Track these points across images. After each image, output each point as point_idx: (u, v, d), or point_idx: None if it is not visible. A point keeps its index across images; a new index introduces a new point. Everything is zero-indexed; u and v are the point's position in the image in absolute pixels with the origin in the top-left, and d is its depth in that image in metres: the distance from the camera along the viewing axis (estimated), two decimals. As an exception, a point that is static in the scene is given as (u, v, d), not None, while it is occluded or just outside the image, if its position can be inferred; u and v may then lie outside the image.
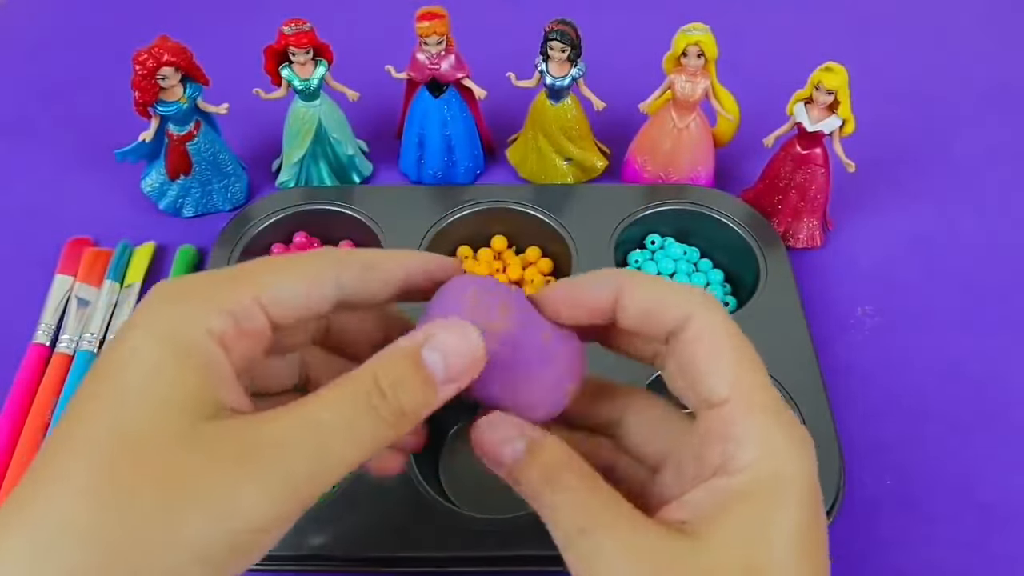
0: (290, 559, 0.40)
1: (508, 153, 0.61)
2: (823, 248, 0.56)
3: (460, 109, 0.57)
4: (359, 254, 0.25)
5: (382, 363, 0.23)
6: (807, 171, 0.53)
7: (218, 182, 0.58)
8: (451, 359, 0.23)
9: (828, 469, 0.42)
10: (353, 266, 0.25)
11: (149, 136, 0.54)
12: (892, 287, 0.54)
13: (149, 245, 0.55)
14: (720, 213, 0.54)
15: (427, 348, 0.23)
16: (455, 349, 0.23)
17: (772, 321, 0.48)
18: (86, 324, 0.51)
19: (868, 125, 0.52)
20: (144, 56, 0.50)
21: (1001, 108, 0.67)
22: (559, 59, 0.53)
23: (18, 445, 0.45)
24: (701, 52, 0.52)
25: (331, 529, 0.40)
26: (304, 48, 0.53)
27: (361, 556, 0.40)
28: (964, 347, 0.51)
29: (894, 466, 0.46)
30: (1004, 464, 0.46)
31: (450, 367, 0.23)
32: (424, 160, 0.59)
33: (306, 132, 0.56)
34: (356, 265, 0.25)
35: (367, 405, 0.22)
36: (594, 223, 0.53)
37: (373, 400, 0.22)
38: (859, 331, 0.52)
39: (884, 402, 0.49)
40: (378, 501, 0.41)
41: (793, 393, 0.45)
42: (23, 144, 0.64)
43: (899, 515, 0.44)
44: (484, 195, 0.55)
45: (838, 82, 0.49)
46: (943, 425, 0.48)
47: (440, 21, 0.53)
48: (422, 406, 0.23)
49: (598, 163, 0.60)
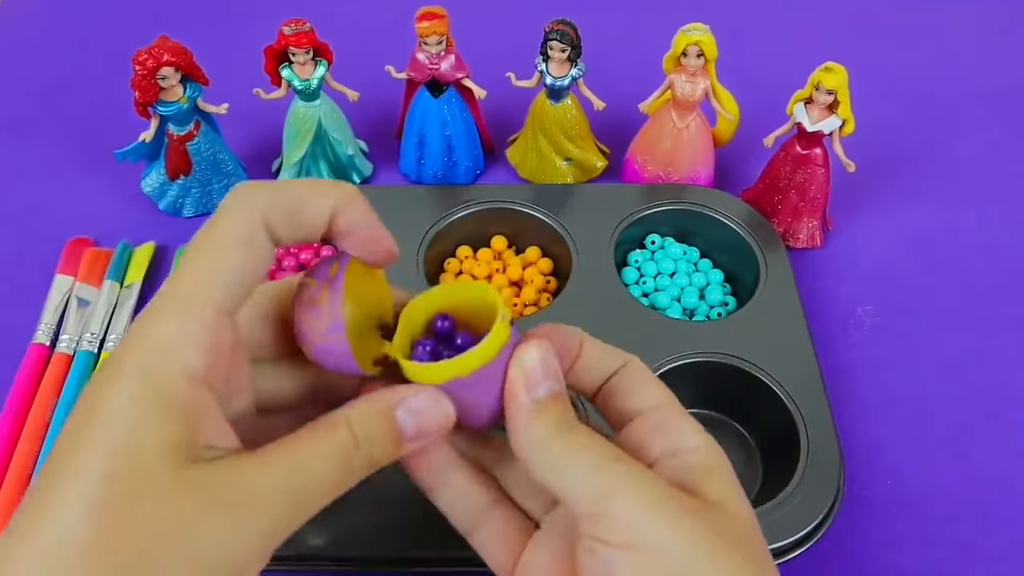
0: (290, 559, 0.40)
1: (508, 153, 0.61)
2: (823, 248, 0.57)
3: (460, 109, 0.57)
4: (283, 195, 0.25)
5: (359, 416, 0.24)
6: (807, 171, 0.53)
7: (218, 182, 0.58)
8: (423, 423, 0.25)
9: (828, 469, 0.42)
10: (278, 214, 0.24)
11: (149, 136, 0.54)
12: (892, 287, 0.54)
13: (149, 245, 0.55)
14: (720, 213, 0.54)
15: (402, 409, 0.25)
16: (428, 415, 0.25)
17: (772, 321, 0.48)
18: (86, 324, 0.51)
19: (868, 125, 0.52)
20: (144, 56, 0.50)
21: (1001, 108, 0.67)
22: (559, 59, 0.53)
23: (18, 445, 0.45)
24: (701, 52, 0.52)
25: (331, 529, 0.40)
26: (304, 48, 0.53)
27: (361, 556, 0.40)
28: (964, 347, 0.51)
29: (894, 466, 0.46)
30: (1004, 464, 0.46)
31: (421, 429, 0.25)
32: (424, 160, 0.59)
33: (306, 132, 0.56)
34: (281, 212, 0.24)
35: (344, 456, 0.24)
36: (594, 223, 0.53)
37: (349, 450, 0.24)
38: (859, 331, 0.52)
39: (884, 402, 0.49)
40: (378, 501, 0.41)
41: (793, 393, 0.45)
42: (23, 144, 0.64)
43: (899, 515, 0.44)
44: (484, 195, 0.55)
45: (838, 82, 0.49)
46: (943, 425, 0.48)
47: (440, 21, 0.53)
48: (390, 457, 0.25)
49: (598, 163, 0.60)
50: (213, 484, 0.22)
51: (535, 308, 0.52)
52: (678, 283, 0.53)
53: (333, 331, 0.25)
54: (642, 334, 0.48)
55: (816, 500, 0.41)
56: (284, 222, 0.24)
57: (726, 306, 0.52)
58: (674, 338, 0.47)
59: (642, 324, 0.49)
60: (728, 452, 0.47)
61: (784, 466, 0.43)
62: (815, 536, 0.40)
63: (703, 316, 0.52)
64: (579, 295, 0.50)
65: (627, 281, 0.53)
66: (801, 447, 0.43)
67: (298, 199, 0.24)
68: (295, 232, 0.25)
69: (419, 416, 0.25)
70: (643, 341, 0.47)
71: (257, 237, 0.24)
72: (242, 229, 0.23)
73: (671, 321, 0.49)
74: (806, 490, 0.41)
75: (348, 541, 0.40)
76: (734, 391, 0.47)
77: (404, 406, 0.25)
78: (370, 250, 0.26)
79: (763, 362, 0.46)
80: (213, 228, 0.24)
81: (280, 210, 0.24)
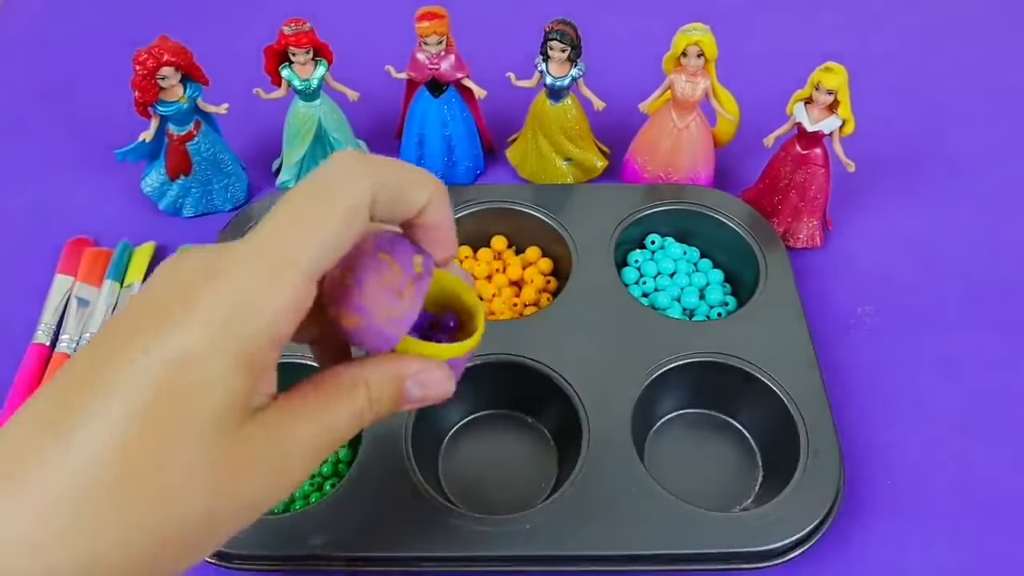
0: (290, 559, 0.40)
1: (508, 153, 0.61)
2: (823, 248, 0.56)
3: (460, 109, 0.57)
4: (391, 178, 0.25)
5: (376, 380, 0.27)
6: (807, 171, 0.53)
7: (218, 182, 0.57)
8: (428, 395, 0.28)
9: (828, 469, 0.42)
10: (384, 195, 0.25)
11: (149, 136, 0.54)
12: (892, 287, 0.54)
13: (149, 245, 0.55)
14: (720, 213, 0.54)
15: (411, 381, 0.27)
16: (436, 389, 0.28)
17: (772, 321, 0.48)
18: (86, 324, 0.51)
19: (868, 125, 0.52)
20: (144, 56, 0.50)
21: (1001, 108, 0.67)
22: (559, 59, 0.53)
23: (18, 445, 0.45)
24: (701, 52, 0.52)
25: (331, 529, 0.40)
26: (304, 48, 0.53)
27: (361, 556, 0.40)
28: (964, 347, 0.51)
29: (894, 466, 0.46)
30: (1004, 464, 0.46)
31: (424, 398, 0.28)
32: (424, 160, 0.59)
33: (306, 132, 0.56)
34: (387, 194, 0.25)
35: (360, 414, 0.26)
36: (594, 223, 0.53)
37: (364, 410, 0.26)
38: (859, 331, 0.52)
39: (884, 402, 0.49)
40: (378, 501, 0.41)
41: (793, 393, 0.45)
42: (23, 144, 0.64)
43: (899, 515, 0.44)
44: (484, 195, 0.55)
45: (838, 82, 0.49)
46: (943, 425, 0.48)
47: (440, 21, 0.53)
48: (388, 415, 0.28)
49: (598, 163, 0.60)
50: (257, 440, 0.23)
51: (535, 308, 0.52)
52: (678, 283, 0.53)
53: (400, 325, 0.26)
54: (642, 334, 0.48)
55: (816, 500, 0.41)
56: (386, 204, 0.25)
57: (726, 306, 0.52)
58: (674, 338, 0.47)
59: (642, 324, 0.49)
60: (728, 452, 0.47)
61: (784, 466, 0.43)
62: (815, 536, 0.40)
63: (703, 316, 0.52)
64: (579, 295, 0.50)
65: (627, 281, 0.53)
66: (801, 447, 0.43)
67: (401, 186, 0.25)
68: (390, 215, 0.25)
69: (426, 389, 0.27)
70: (643, 341, 0.47)
71: (361, 214, 0.24)
72: (350, 203, 0.24)
73: (671, 321, 0.49)
74: (806, 490, 0.41)
75: (348, 541, 0.40)
76: (734, 391, 0.47)
77: (415, 378, 0.27)
78: (443, 249, 0.28)
79: (763, 362, 0.46)
80: (321, 194, 0.24)
81: (387, 192, 0.25)
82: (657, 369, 0.46)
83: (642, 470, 0.42)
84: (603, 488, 0.41)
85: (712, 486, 0.45)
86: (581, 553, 0.40)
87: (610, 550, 0.40)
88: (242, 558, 0.40)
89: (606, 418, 0.44)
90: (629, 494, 0.41)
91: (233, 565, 0.40)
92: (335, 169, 0.24)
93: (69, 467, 0.20)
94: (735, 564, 0.40)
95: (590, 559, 0.40)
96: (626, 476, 0.42)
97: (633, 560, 0.40)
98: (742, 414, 0.47)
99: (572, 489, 0.41)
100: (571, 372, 0.46)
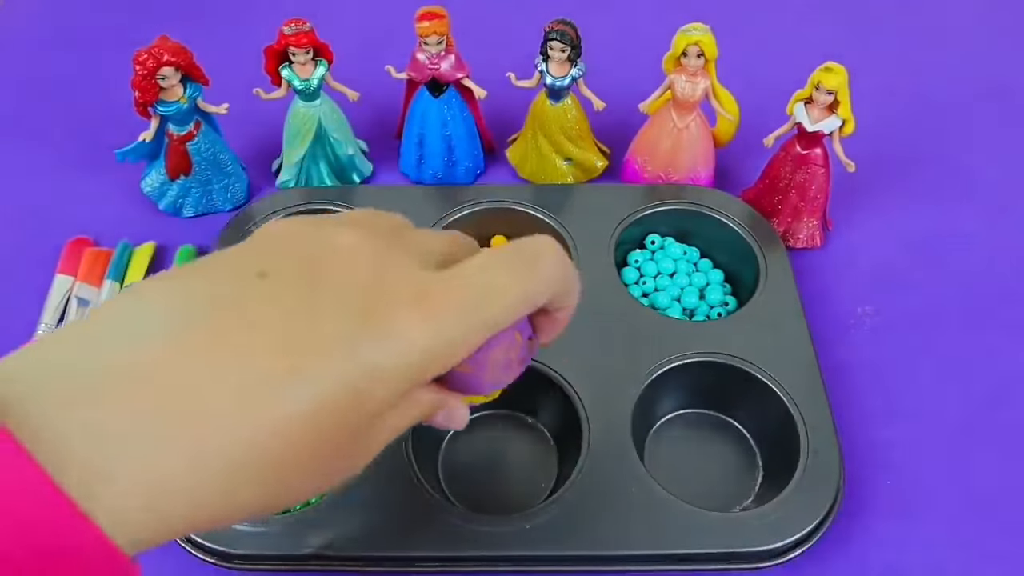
0: (290, 559, 0.40)
1: (508, 153, 0.61)
2: (823, 248, 0.57)
3: (460, 109, 0.57)
4: (569, 286, 0.29)
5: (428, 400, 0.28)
6: (807, 171, 0.53)
7: (218, 182, 0.58)
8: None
9: (828, 469, 0.42)
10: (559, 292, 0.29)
11: (149, 136, 0.54)
12: (892, 287, 0.54)
13: (149, 245, 0.55)
14: (720, 213, 0.54)
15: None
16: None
17: (772, 321, 0.48)
18: (86, 324, 0.51)
19: (868, 125, 0.52)
20: (144, 56, 0.50)
21: (1001, 108, 0.67)
22: (559, 59, 0.53)
23: (18, 445, 0.45)
24: (701, 52, 0.52)
25: (331, 529, 0.40)
26: (304, 48, 0.53)
27: (361, 556, 0.40)
28: (964, 347, 0.51)
29: (894, 466, 0.46)
30: (1004, 464, 0.46)
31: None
32: (424, 160, 0.59)
33: (306, 132, 0.56)
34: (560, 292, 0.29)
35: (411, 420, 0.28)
36: (594, 223, 0.53)
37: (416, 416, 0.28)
38: (859, 331, 0.52)
39: (884, 402, 0.49)
40: (378, 501, 0.41)
41: (793, 393, 0.45)
42: (23, 144, 0.64)
43: (899, 515, 0.44)
44: (484, 195, 0.55)
45: (838, 82, 0.49)
46: (943, 425, 0.48)
47: (440, 21, 0.53)
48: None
49: (598, 163, 0.60)
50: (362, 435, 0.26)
51: (535, 308, 0.52)
52: (678, 283, 0.53)
53: (493, 390, 0.30)
54: (642, 334, 0.48)
55: (816, 500, 0.41)
56: (553, 298, 0.29)
57: (726, 306, 0.52)
58: (674, 338, 0.47)
59: (642, 324, 0.49)
60: (728, 452, 0.47)
61: (784, 466, 0.43)
62: (815, 536, 0.41)
63: (703, 316, 0.52)
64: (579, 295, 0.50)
65: (627, 281, 0.53)
66: (801, 447, 0.43)
67: (568, 291, 0.29)
68: (547, 305, 0.29)
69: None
70: (643, 341, 0.47)
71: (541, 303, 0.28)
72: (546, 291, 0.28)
73: (671, 321, 0.49)
74: (806, 490, 0.41)
75: (348, 541, 0.40)
76: (734, 391, 0.47)
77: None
78: (553, 336, 0.31)
79: (763, 362, 0.46)
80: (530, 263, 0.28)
81: (561, 289, 0.29)
82: (657, 369, 0.46)
83: (642, 470, 0.42)
84: (603, 488, 0.41)
85: (712, 486, 0.45)
86: (581, 553, 0.40)
87: (610, 550, 0.40)
88: (243, 558, 0.40)
89: (606, 418, 0.44)
90: (629, 494, 0.41)
91: (233, 565, 0.40)
92: (547, 255, 0.28)
93: None
94: (735, 564, 0.40)
95: (590, 559, 0.40)
96: (626, 476, 0.42)
97: (633, 560, 0.40)
98: (742, 414, 0.47)
99: (572, 489, 0.41)
100: (571, 372, 0.46)
